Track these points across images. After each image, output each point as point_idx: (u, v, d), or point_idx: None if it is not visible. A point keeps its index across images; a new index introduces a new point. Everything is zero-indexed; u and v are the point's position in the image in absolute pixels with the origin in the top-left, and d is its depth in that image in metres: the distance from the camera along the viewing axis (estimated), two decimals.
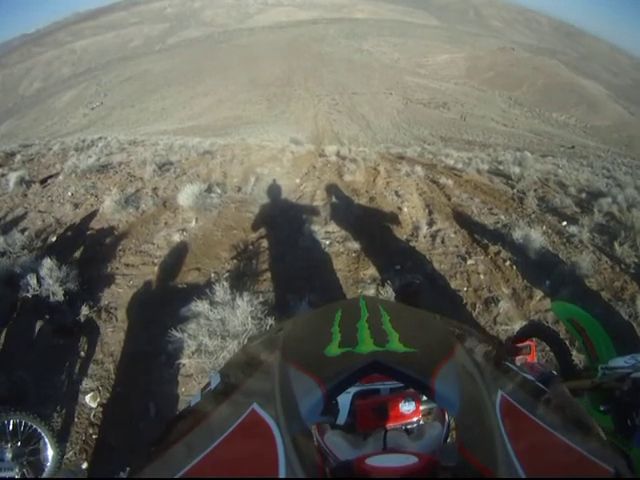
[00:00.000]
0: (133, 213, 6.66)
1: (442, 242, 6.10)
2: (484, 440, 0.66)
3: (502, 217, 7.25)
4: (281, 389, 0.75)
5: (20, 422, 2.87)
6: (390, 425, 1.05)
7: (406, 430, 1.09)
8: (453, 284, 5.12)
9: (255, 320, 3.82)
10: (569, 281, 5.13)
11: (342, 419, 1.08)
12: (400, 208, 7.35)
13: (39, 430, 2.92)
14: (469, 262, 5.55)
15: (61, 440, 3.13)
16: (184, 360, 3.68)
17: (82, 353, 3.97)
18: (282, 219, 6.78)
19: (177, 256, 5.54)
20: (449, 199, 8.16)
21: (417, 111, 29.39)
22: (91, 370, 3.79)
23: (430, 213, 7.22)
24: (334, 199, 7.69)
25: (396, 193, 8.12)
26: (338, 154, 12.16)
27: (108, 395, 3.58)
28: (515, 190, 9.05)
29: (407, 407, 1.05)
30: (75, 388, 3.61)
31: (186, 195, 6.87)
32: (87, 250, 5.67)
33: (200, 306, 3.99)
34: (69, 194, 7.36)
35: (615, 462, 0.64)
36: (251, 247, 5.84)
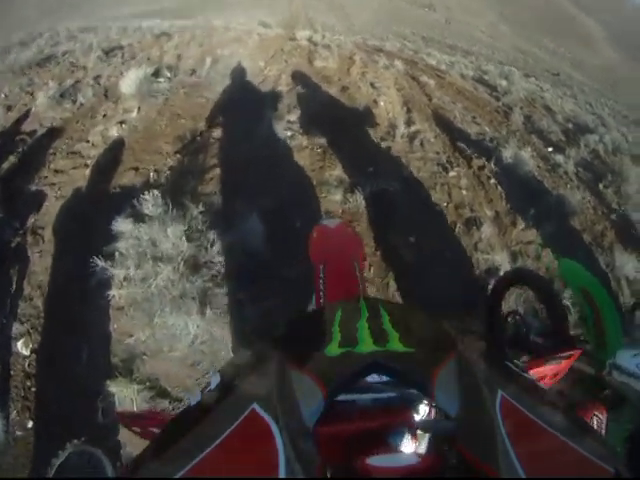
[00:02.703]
0: (69, 108, 5.79)
1: (421, 145, 5.32)
2: (484, 440, 0.64)
3: (486, 129, 6.48)
4: (281, 389, 0.73)
5: None
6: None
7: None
8: (432, 197, 4.41)
9: (193, 241, 3.17)
10: (554, 215, 4.58)
11: None
12: (376, 101, 6.41)
13: None
14: (451, 173, 4.82)
15: (2, 401, 2.80)
16: (113, 291, 3.10)
17: (11, 289, 3.44)
18: (238, 105, 5.82)
19: (113, 154, 4.78)
20: (430, 99, 7.23)
21: (400, 7, 27.17)
22: (20, 309, 3.32)
23: (409, 111, 6.32)
24: (301, 86, 6.63)
25: (372, 85, 7.12)
26: (310, 40, 10.72)
27: (39, 338, 3.14)
28: (500, 103, 8.21)
29: (397, 441, 0.79)
30: (7, 334, 3.16)
31: (129, 81, 5.88)
32: (14, 160, 4.84)
33: (128, 223, 3.30)
34: (2, 96, 6.34)
35: (615, 462, 0.61)
36: (199, 139, 5.00)
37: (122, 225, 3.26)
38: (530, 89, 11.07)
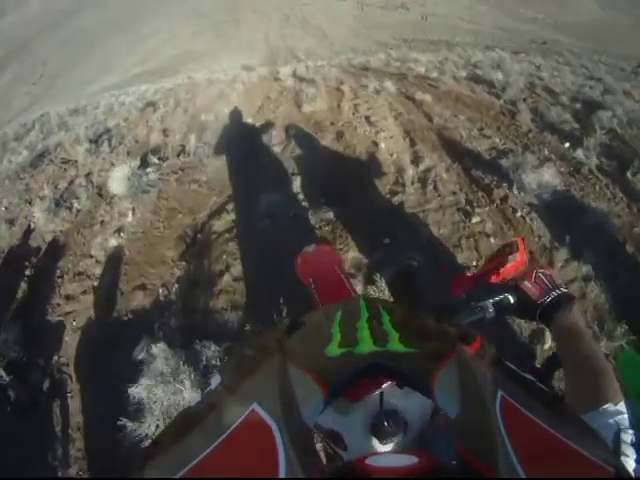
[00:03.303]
0: (67, 217, 5.53)
1: (435, 189, 4.81)
2: (484, 440, 0.63)
3: (497, 140, 5.93)
4: (281, 389, 0.70)
5: None
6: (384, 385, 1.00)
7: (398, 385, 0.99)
8: (459, 258, 3.90)
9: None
10: (591, 234, 4.02)
11: None
12: (376, 143, 5.92)
13: None
14: (474, 220, 4.30)
15: None
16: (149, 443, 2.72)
17: (54, 430, 3.31)
18: (234, 183, 5.42)
19: (116, 271, 4.46)
20: (431, 120, 6.74)
21: (374, 15, 26.73)
22: (67, 451, 3.17)
23: (412, 143, 5.84)
24: (294, 141, 6.22)
25: (367, 120, 6.67)
26: (294, 75, 10.50)
27: None
28: (502, 101, 7.60)
29: None
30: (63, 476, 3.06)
31: (117, 181, 5.56)
32: (24, 288, 4.61)
33: (143, 388, 3.05)
34: (3, 209, 6.12)
35: (615, 462, 0.60)
36: (200, 236, 4.64)
37: (137, 389, 3.03)
38: (525, 71, 10.49)
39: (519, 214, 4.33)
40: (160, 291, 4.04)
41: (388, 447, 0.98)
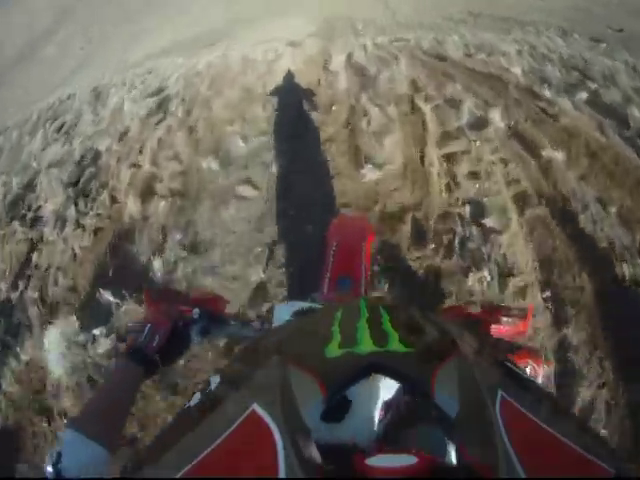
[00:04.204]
0: (8, 376, 3.24)
1: None
2: (484, 440, 0.60)
3: None
4: (281, 389, 0.67)
5: None
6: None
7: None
8: None
9: None
10: None
11: None
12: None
13: None
14: None
15: None
16: None
17: None
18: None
19: None
20: (575, 217, 3.52)
21: None
22: None
23: (558, 325, 2.93)
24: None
25: (477, 222, 3.53)
26: (349, 63, 6.81)
27: None
28: None
29: None
30: None
31: (53, 355, 3.23)
32: None
33: None
34: None
35: (615, 462, 0.57)
36: None
37: None
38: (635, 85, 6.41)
39: None
40: None
41: (335, 428, 0.86)
